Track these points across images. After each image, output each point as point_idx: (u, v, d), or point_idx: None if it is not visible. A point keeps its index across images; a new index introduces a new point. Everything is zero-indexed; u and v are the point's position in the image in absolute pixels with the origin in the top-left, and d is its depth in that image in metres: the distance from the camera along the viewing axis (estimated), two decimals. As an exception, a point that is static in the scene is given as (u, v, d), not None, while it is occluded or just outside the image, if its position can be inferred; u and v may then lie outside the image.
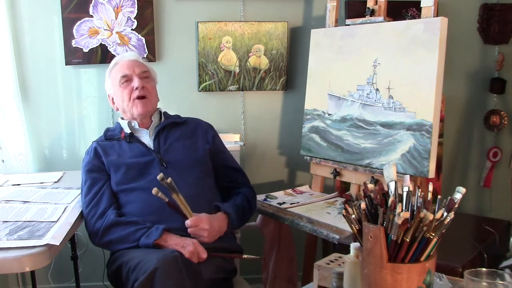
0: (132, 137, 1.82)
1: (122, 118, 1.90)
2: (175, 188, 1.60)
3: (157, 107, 1.92)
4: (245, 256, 1.74)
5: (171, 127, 1.87)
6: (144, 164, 1.75)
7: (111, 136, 1.86)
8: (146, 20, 2.42)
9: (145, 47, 2.42)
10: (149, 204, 1.66)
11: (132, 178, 1.73)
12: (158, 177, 1.58)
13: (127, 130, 1.84)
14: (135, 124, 1.85)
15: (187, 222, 1.62)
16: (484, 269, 1.05)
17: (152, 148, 1.80)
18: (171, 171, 1.73)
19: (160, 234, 1.57)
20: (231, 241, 1.79)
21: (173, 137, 1.84)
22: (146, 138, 1.84)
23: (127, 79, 1.82)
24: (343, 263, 1.32)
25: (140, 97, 1.81)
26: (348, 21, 2.15)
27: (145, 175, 1.72)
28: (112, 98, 1.90)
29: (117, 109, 1.89)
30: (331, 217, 1.86)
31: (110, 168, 1.76)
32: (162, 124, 1.85)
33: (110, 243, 1.65)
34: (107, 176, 1.76)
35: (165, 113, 1.93)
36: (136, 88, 1.80)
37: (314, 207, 2.00)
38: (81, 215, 1.67)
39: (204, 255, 1.57)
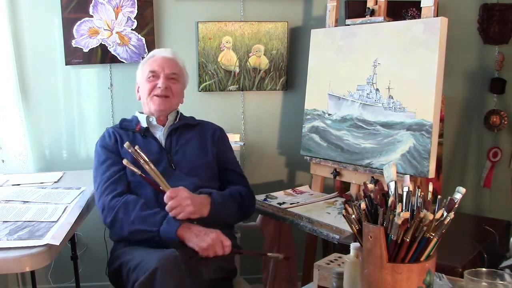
0: (147, 131, 1.83)
1: (141, 113, 1.90)
2: (145, 158, 1.58)
3: (177, 108, 1.91)
4: (269, 254, 1.74)
5: (184, 128, 1.87)
6: (154, 161, 1.73)
7: (126, 126, 1.86)
8: (146, 20, 2.42)
9: (145, 47, 2.42)
10: (155, 199, 1.67)
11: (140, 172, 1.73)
12: (125, 145, 1.59)
13: (144, 124, 1.85)
14: (153, 119, 1.85)
15: (166, 194, 1.58)
16: (484, 269, 1.05)
17: (164, 147, 1.81)
18: (178, 173, 1.74)
19: (181, 222, 1.55)
20: (231, 240, 1.77)
21: (185, 139, 1.84)
22: (160, 135, 1.84)
23: (154, 75, 1.84)
24: (343, 263, 1.32)
25: (160, 96, 1.82)
26: (348, 21, 2.15)
27: None
28: (138, 87, 1.92)
29: (139, 99, 1.91)
30: (331, 217, 1.86)
31: (124, 156, 1.75)
32: (176, 124, 1.86)
33: (125, 221, 1.60)
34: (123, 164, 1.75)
35: (181, 113, 1.93)
36: (159, 88, 1.81)
37: (314, 207, 1.99)
38: (81, 215, 1.66)
39: (227, 242, 1.55)
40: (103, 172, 1.73)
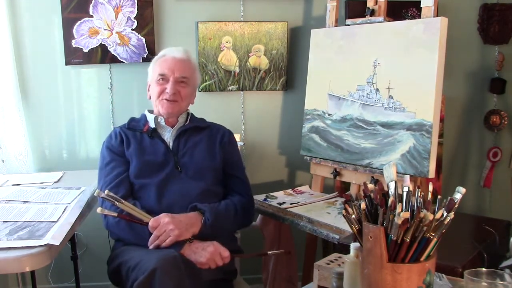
0: (154, 132, 1.82)
1: (150, 112, 1.89)
2: (115, 197, 1.56)
3: (186, 109, 1.90)
4: (269, 252, 1.75)
5: (193, 131, 1.86)
6: (160, 163, 1.75)
7: (134, 126, 1.85)
8: (146, 20, 2.42)
9: (145, 47, 2.42)
10: (155, 204, 1.67)
11: (145, 174, 1.73)
12: (95, 194, 1.59)
13: (152, 124, 1.84)
14: (161, 120, 1.84)
15: (149, 225, 1.57)
16: (484, 269, 1.05)
17: (171, 149, 1.80)
18: (184, 175, 1.74)
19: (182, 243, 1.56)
20: (231, 242, 1.77)
21: (193, 142, 1.83)
22: (168, 136, 1.83)
23: (163, 78, 1.81)
24: (343, 263, 1.32)
25: (169, 100, 1.80)
26: (348, 21, 2.15)
27: (158, 174, 1.73)
28: (149, 86, 1.89)
29: (149, 98, 1.89)
30: (331, 217, 1.86)
31: (129, 158, 1.77)
32: (186, 126, 1.84)
33: (128, 232, 1.63)
34: (128, 165, 1.76)
35: (192, 114, 1.92)
36: (167, 93, 1.79)
37: (314, 207, 1.99)
38: (81, 215, 1.66)
39: (226, 253, 1.57)
40: (106, 174, 1.73)
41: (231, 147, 1.91)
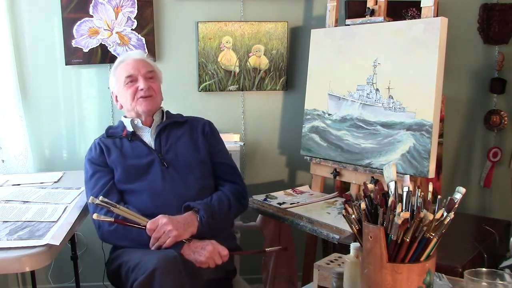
0: (133, 136, 1.81)
1: (125, 117, 1.88)
2: (111, 202, 1.55)
3: (160, 106, 1.90)
4: (267, 249, 1.75)
5: (173, 126, 1.85)
6: (145, 164, 1.74)
7: (112, 133, 1.84)
8: (146, 20, 2.42)
9: (145, 47, 2.42)
10: (150, 206, 1.66)
11: (133, 178, 1.72)
12: (89, 201, 1.56)
13: (130, 128, 1.83)
14: (138, 122, 1.83)
15: (147, 228, 1.56)
16: (484, 269, 1.05)
17: (153, 147, 1.80)
18: (172, 171, 1.73)
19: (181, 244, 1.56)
20: (230, 240, 1.77)
21: (175, 137, 1.83)
22: (148, 137, 1.83)
23: (132, 79, 1.80)
24: (343, 263, 1.32)
25: (145, 96, 1.79)
26: (348, 21, 2.15)
27: (146, 175, 1.72)
28: (116, 96, 1.88)
29: (121, 107, 1.87)
30: (331, 217, 1.86)
31: (112, 166, 1.76)
32: (164, 123, 1.84)
33: (124, 239, 1.62)
34: (112, 173, 1.75)
35: (167, 112, 1.91)
36: (141, 89, 1.78)
37: (314, 207, 2.00)
38: (81, 215, 1.66)
39: (224, 252, 1.57)
40: (92, 186, 1.72)
41: (213, 136, 1.91)
